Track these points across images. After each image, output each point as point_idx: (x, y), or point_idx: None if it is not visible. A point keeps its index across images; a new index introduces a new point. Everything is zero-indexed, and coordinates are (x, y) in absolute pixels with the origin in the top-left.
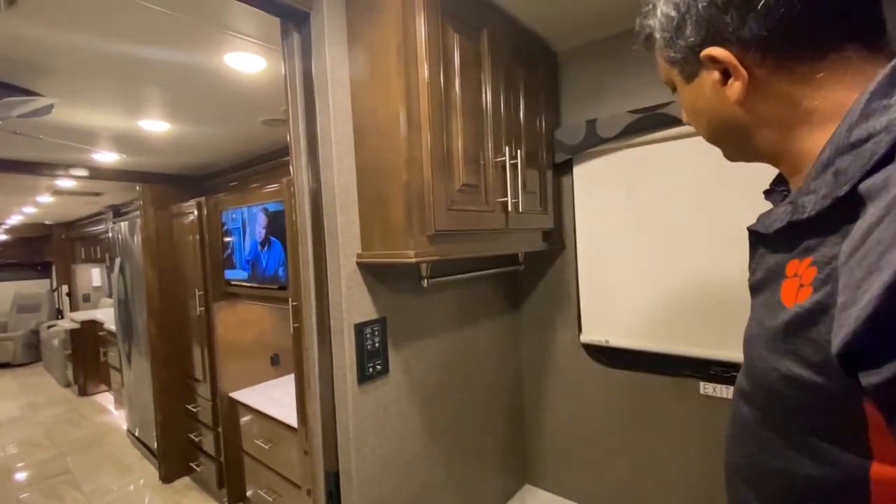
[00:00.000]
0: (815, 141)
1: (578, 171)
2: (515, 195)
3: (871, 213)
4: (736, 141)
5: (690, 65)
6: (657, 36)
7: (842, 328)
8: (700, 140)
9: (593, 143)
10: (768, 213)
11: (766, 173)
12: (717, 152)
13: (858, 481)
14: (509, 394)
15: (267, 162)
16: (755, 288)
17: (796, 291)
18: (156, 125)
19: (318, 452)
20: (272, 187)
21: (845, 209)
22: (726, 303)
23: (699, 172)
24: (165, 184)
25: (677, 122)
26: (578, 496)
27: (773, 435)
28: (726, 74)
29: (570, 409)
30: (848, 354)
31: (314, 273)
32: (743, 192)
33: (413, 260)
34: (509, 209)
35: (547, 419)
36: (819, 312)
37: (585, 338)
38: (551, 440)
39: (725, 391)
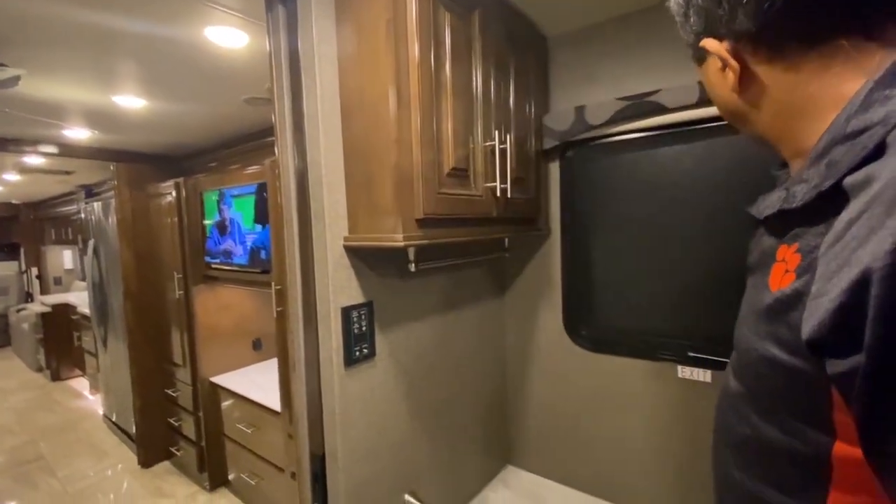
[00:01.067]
0: (814, 130)
1: (566, 158)
2: (504, 181)
3: (853, 207)
4: (740, 124)
5: (697, 50)
6: (675, 18)
7: (811, 317)
8: (686, 131)
9: (582, 129)
10: (765, 197)
11: (755, 163)
12: (703, 144)
13: (823, 457)
14: (493, 377)
15: (250, 142)
16: (750, 268)
17: (781, 276)
18: (131, 101)
19: (303, 435)
20: (254, 168)
21: (832, 201)
22: (705, 290)
23: (686, 162)
24: (142, 163)
25: (666, 110)
26: (558, 476)
27: (749, 409)
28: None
29: (553, 391)
30: (816, 341)
31: (300, 255)
32: (730, 182)
33: (401, 244)
34: (498, 194)
35: (529, 402)
36: (796, 299)
37: (568, 323)
38: (533, 422)
39: (702, 374)
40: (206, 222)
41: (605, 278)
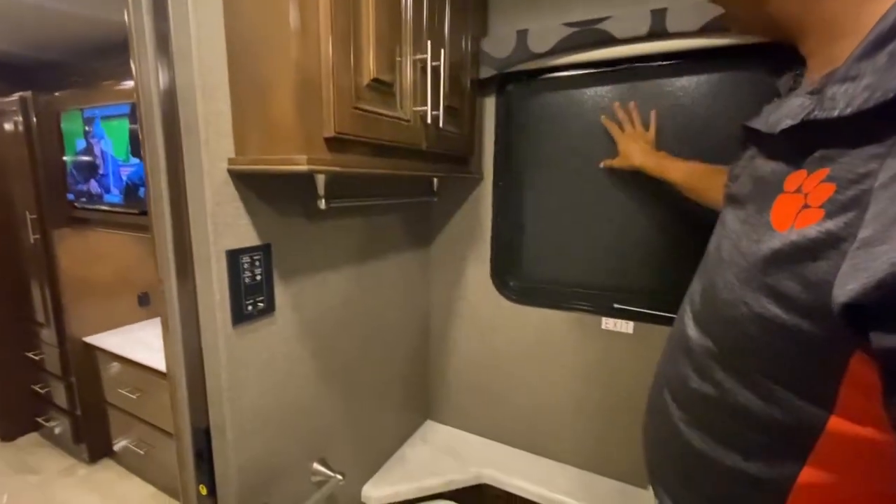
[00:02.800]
0: (867, 6)
1: (505, 93)
2: (436, 106)
3: None
4: (748, 4)
5: None
6: None
7: (860, 271)
8: (634, 69)
9: (524, 57)
10: (777, 105)
11: (706, 110)
12: (649, 86)
13: (809, 429)
14: (416, 332)
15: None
16: (735, 198)
17: (796, 212)
18: None
19: (183, 406)
20: (130, 84)
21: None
22: (633, 241)
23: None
24: None
25: (615, 41)
26: (479, 429)
27: (716, 366)
28: None
29: (476, 345)
30: (862, 305)
31: (167, 181)
32: (675, 129)
33: (304, 168)
34: (429, 121)
35: (452, 356)
36: (826, 245)
37: (496, 274)
38: (455, 376)
39: (624, 326)
40: (66, 158)
41: (534, 228)
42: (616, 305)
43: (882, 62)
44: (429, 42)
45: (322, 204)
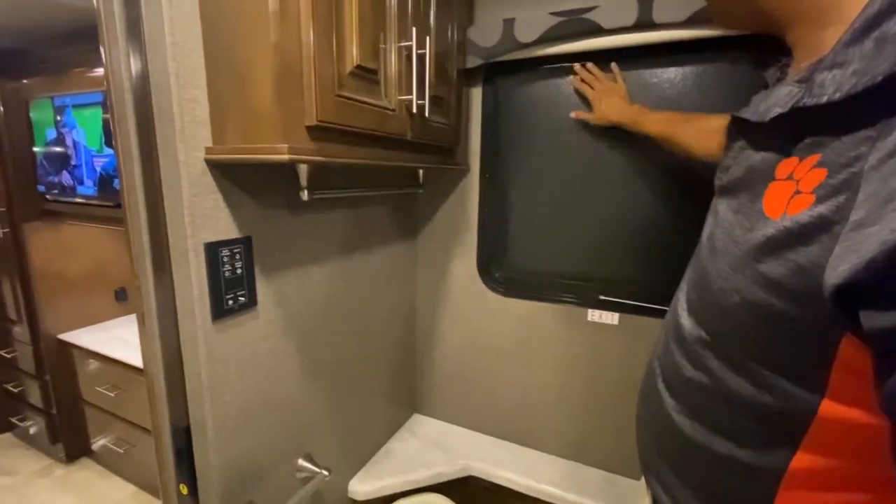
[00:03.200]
0: None
1: (492, 84)
2: (422, 96)
3: None
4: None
5: None
6: None
7: (852, 252)
8: (623, 58)
9: (510, 47)
10: (766, 94)
11: (692, 101)
12: (632, 76)
13: (801, 414)
14: (402, 325)
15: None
16: (727, 189)
17: (788, 199)
18: None
19: (161, 404)
20: (100, 71)
21: (886, 95)
22: (619, 233)
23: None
24: None
25: (602, 31)
26: (467, 422)
27: (710, 355)
28: None
29: (463, 338)
30: (854, 286)
31: (142, 172)
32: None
33: (285, 157)
34: (414, 111)
35: (439, 349)
36: (817, 229)
37: (482, 267)
38: (441, 370)
39: (610, 317)
40: (36, 148)
41: (521, 220)
42: (602, 297)
43: (869, 48)
44: (414, 29)
45: (305, 195)
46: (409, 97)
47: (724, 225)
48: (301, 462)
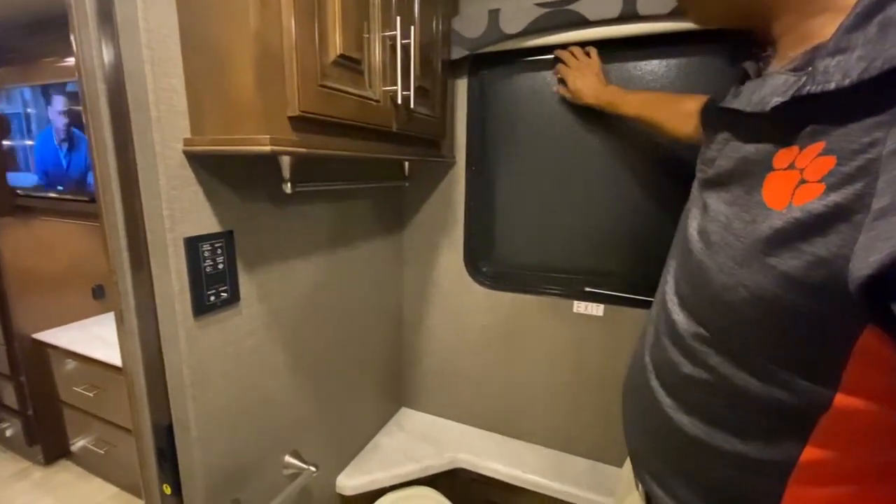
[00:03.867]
0: None
1: (478, 75)
2: (407, 86)
3: None
4: None
5: None
6: None
7: (884, 241)
8: (606, 53)
9: (495, 38)
10: (759, 84)
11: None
12: (617, 69)
13: (813, 408)
14: (388, 319)
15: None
16: (715, 181)
17: (793, 189)
18: None
19: (141, 403)
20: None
21: (891, 82)
22: (604, 225)
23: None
24: None
25: (587, 23)
26: (455, 415)
27: (711, 351)
28: None
29: (450, 331)
30: (886, 276)
31: (117, 165)
32: None
33: (267, 149)
34: (399, 102)
35: (426, 343)
36: (834, 218)
37: (469, 260)
38: (429, 363)
39: (595, 309)
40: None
41: (507, 213)
42: (587, 289)
43: (873, 33)
44: (398, 18)
45: (288, 188)
46: (394, 88)
47: (718, 218)
48: (288, 458)
